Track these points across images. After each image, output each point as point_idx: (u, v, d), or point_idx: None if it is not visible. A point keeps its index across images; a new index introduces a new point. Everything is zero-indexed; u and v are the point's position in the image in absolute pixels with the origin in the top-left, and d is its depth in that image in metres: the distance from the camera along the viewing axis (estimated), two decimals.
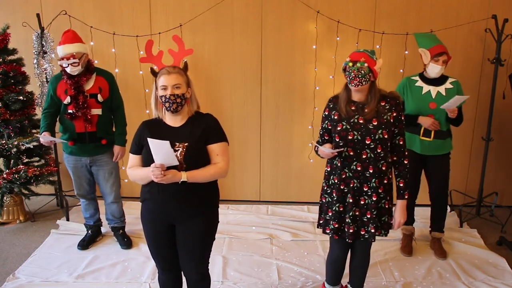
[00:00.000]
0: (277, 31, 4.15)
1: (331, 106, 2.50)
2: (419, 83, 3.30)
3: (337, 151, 2.39)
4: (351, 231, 2.48)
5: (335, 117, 2.45)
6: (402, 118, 2.43)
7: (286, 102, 4.31)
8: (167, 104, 2.21)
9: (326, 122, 2.51)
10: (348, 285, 2.80)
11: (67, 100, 3.23)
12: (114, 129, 3.47)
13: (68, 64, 3.17)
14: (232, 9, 4.11)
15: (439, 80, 3.28)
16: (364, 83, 2.35)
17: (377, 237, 2.52)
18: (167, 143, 2.05)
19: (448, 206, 3.60)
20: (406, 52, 4.06)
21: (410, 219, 3.58)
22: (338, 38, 4.07)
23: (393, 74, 4.14)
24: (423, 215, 3.90)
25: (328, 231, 2.56)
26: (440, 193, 3.45)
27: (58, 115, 3.34)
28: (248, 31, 4.16)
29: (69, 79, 3.22)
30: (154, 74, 2.30)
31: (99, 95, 3.28)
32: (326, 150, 2.38)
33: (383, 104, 2.41)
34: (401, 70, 4.11)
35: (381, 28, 4.05)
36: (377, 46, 4.07)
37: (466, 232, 3.88)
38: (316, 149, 2.55)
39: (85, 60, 3.25)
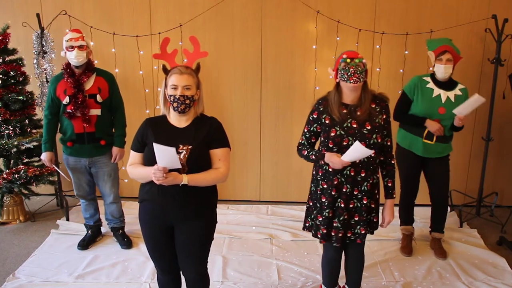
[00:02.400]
0: (277, 31, 4.15)
1: (321, 109, 2.43)
2: (431, 85, 3.24)
3: (350, 161, 2.32)
4: (340, 235, 2.47)
5: (327, 122, 2.40)
6: (390, 119, 2.44)
7: (286, 102, 4.31)
8: (175, 104, 2.20)
9: (315, 125, 2.45)
10: (346, 286, 2.80)
11: (66, 100, 3.22)
12: (113, 130, 3.47)
13: (75, 47, 3.15)
14: (232, 9, 4.11)
15: (449, 85, 3.23)
16: (361, 79, 2.32)
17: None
18: (173, 150, 2.03)
19: (448, 206, 3.59)
20: (406, 52, 4.06)
21: (410, 219, 3.58)
22: (338, 38, 4.07)
23: (393, 74, 4.14)
24: (423, 215, 3.90)
25: (319, 236, 2.54)
26: (441, 195, 3.44)
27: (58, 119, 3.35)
28: (248, 31, 4.16)
29: (70, 77, 3.22)
30: (166, 71, 2.28)
31: (98, 96, 3.27)
32: (340, 159, 2.30)
33: (373, 106, 2.39)
34: (401, 70, 4.11)
35: (381, 28, 4.05)
36: (377, 46, 4.07)
37: (466, 232, 3.88)
38: (309, 155, 2.46)
39: (88, 55, 3.26)
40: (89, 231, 3.66)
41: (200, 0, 4.07)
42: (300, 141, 2.54)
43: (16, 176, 3.77)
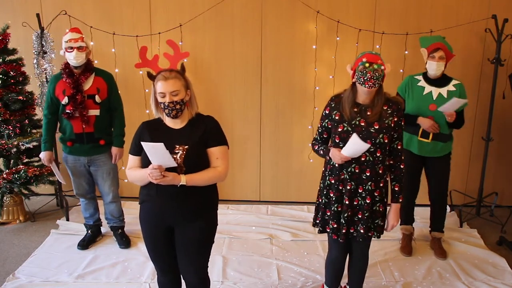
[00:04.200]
0: (277, 31, 4.14)
1: (332, 105, 2.48)
2: (422, 83, 3.25)
3: (351, 156, 2.36)
4: (343, 231, 2.49)
5: (336, 118, 2.44)
6: (402, 123, 2.44)
7: (286, 102, 4.31)
8: (166, 111, 2.19)
9: (327, 121, 2.50)
10: (347, 286, 2.80)
11: (65, 100, 3.22)
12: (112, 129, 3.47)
13: (74, 48, 3.16)
14: (232, 9, 4.11)
15: (442, 81, 3.22)
16: (377, 85, 2.34)
17: (376, 238, 2.53)
18: (161, 145, 2.02)
19: (448, 206, 3.59)
20: (406, 52, 4.06)
21: (410, 219, 3.58)
22: (338, 38, 4.07)
23: (393, 74, 4.12)
24: (423, 215, 3.90)
25: (328, 230, 2.57)
26: (439, 194, 3.44)
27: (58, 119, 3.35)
28: (248, 31, 4.16)
29: (69, 78, 3.21)
30: (151, 78, 2.25)
31: (96, 96, 3.27)
32: (340, 153, 2.35)
33: (385, 108, 2.41)
34: (401, 70, 4.11)
35: (381, 28, 4.05)
36: (377, 46, 4.07)
37: (466, 232, 3.88)
38: (319, 150, 2.52)
39: (87, 55, 3.26)
40: (89, 231, 3.66)
41: (200, 0, 4.07)
42: (315, 136, 2.60)
43: (16, 176, 3.77)
